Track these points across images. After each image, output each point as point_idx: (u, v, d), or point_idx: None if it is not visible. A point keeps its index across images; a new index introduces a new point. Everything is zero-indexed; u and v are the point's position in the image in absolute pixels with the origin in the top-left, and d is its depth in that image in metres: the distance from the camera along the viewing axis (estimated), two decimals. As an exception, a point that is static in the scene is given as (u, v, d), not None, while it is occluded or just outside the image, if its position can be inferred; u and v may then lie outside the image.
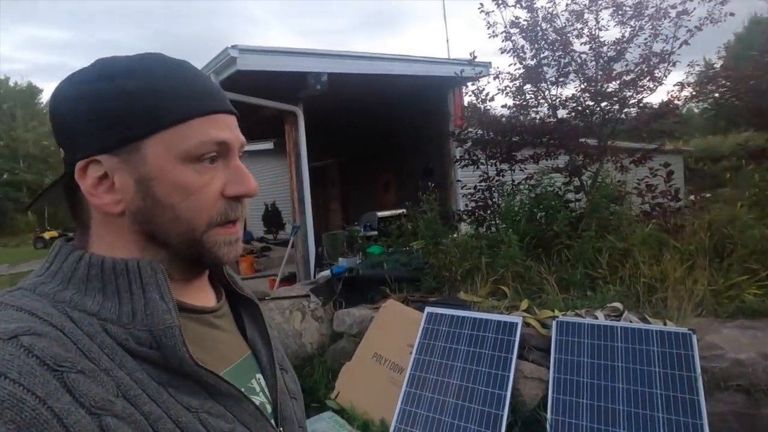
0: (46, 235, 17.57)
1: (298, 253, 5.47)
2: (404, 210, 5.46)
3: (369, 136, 8.57)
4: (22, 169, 27.77)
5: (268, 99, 5.04)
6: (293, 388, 0.61)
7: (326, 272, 4.82)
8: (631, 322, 2.42)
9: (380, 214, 6.46)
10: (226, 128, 0.48)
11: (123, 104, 0.43)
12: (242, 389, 0.49)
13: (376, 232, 6.06)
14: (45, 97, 32.22)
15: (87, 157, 0.44)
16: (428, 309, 2.87)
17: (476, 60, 4.86)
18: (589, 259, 3.25)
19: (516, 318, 2.60)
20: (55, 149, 30.45)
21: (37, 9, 62.43)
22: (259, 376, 0.55)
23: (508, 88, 4.75)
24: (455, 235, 4.25)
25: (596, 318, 2.51)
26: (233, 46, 4.19)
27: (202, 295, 0.54)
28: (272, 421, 0.52)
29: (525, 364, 2.47)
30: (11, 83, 30.65)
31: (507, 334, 2.55)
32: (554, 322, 2.47)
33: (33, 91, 31.67)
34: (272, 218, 11.85)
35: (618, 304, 2.62)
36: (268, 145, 11.31)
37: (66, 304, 0.41)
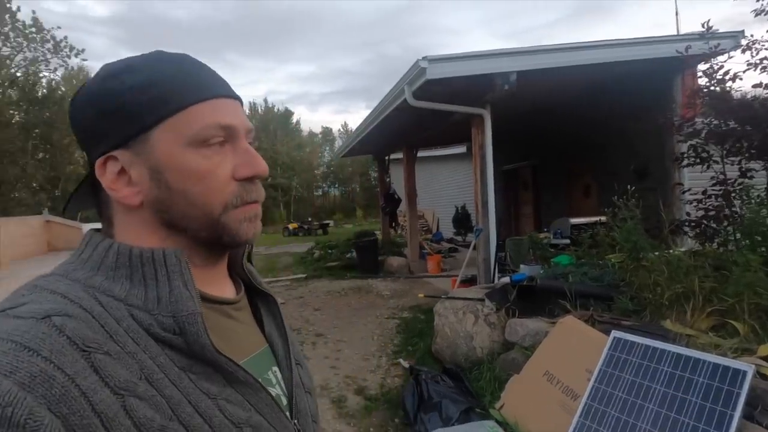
0: (290, 226, 22.32)
1: (480, 256, 5.43)
2: (602, 218, 4.77)
3: (566, 135, 7.80)
4: (277, 174, 36.23)
5: (457, 104, 5.18)
6: (308, 382, 0.61)
7: (506, 278, 4.65)
8: None
9: (573, 220, 5.81)
10: (230, 112, 0.49)
11: (127, 98, 0.45)
12: (259, 379, 0.49)
13: (567, 241, 5.48)
14: (296, 118, 41.30)
15: (103, 155, 0.46)
16: (615, 333, 2.45)
17: (714, 31, 3.84)
18: None
19: (746, 365, 1.96)
20: (299, 159, 38.59)
21: (294, 51, 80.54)
22: (275, 369, 0.56)
23: (766, 61, 3.58)
24: (669, 251, 3.46)
25: None
26: (423, 58, 4.47)
27: (222, 287, 0.55)
28: (287, 413, 0.53)
29: (754, 430, 1.84)
30: (275, 110, 40.39)
31: (729, 384, 1.95)
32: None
33: (288, 114, 40.96)
34: (461, 220, 12.09)
35: None
36: (460, 149, 11.58)
37: (96, 290, 0.43)
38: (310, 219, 25.05)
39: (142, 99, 0.45)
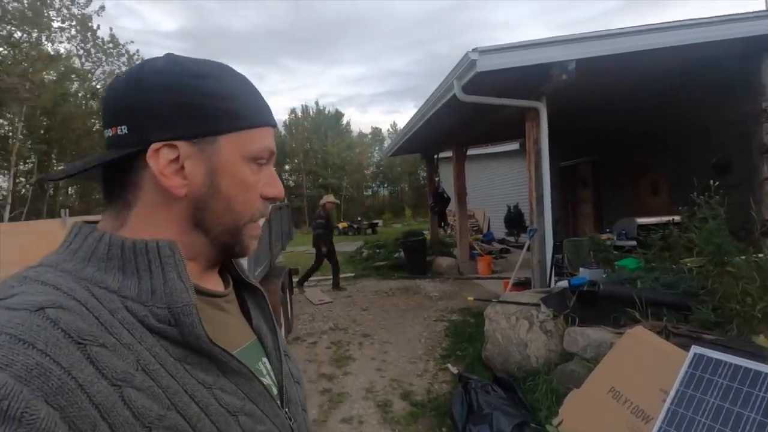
0: (340, 225, 22.71)
1: (534, 258, 5.12)
2: (676, 217, 4.30)
3: (631, 128, 7.19)
4: (328, 175, 36.97)
5: (509, 97, 4.92)
6: (296, 373, 0.63)
7: (564, 282, 4.34)
8: None
9: (640, 220, 5.32)
10: (272, 139, 0.55)
11: (210, 101, 0.48)
12: (252, 369, 0.50)
13: (633, 243, 5.02)
14: (346, 120, 41.97)
15: (166, 141, 0.47)
16: (696, 349, 2.15)
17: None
18: None
19: None
20: (349, 159, 39.25)
21: (342, 54, 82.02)
22: (264, 359, 0.58)
23: None
24: (758, 255, 3.02)
25: None
26: (473, 50, 4.26)
27: (213, 280, 0.56)
28: (278, 402, 0.54)
29: None
30: (326, 112, 41.25)
31: None
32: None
33: (338, 116, 41.61)
34: (514, 220, 11.60)
35: None
36: (512, 146, 11.12)
37: (88, 281, 0.43)
38: (359, 218, 25.35)
39: (223, 107, 0.49)
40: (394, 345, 4.63)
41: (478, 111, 5.85)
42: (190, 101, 0.47)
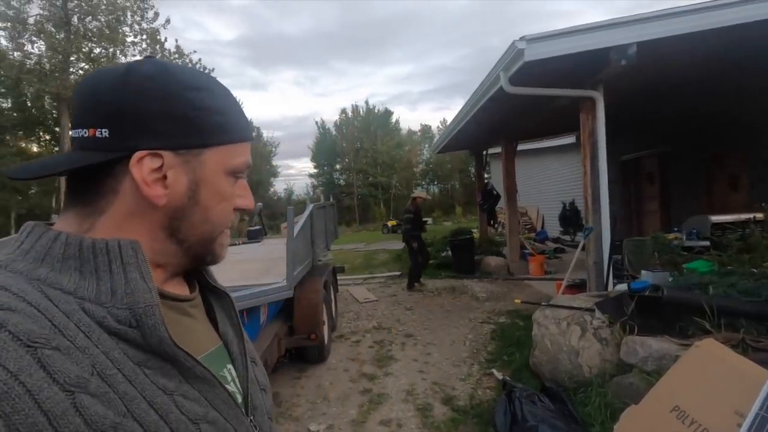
0: (389, 223, 22.78)
1: (590, 258, 4.76)
2: (758, 215, 3.81)
3: (705, 116, 6.51)
4: (378, 173, 37.21)
5: (560, 87, 4.61)
6: (262, 380, 0.61)
7: (622, 285, 4.00)
8: None
9: (715, 218, 4.79)
10: (250, 154, 0.55)
11: (202, 114, 0.49)
12: (216, 375, 0.49)
13: (706, 243, 4.53)
14: (395, 118, 42.02)
15: (151, 149, 0.46)
16: (781, 367, 1.86)
17: None
18: None
19: None
20: (398, 157, 39.34)
21: (391, 53, 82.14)
22: (230, 366, 0.56)
23: None
24: None
25: None
26: (521, 38, 4.02)
27: (178, 284, 0.55)
28: (243, 410, 0.52)
29: None
30: (376, 111, 41.53)
31: None
32: None
33: (387, 114, 41.73)
34: (570, 218, 10.94)
35: None
36: (568, 140, 10.50)
37: (41, 282, 0.41)
38: (408, 216, 25.22)
39: (213, 121, 0.49)
40: (438, 347, 4.51)
41: (527, 103, 5.55)
42: (182, 113, 0.47)
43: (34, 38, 15.96)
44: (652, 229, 7.21)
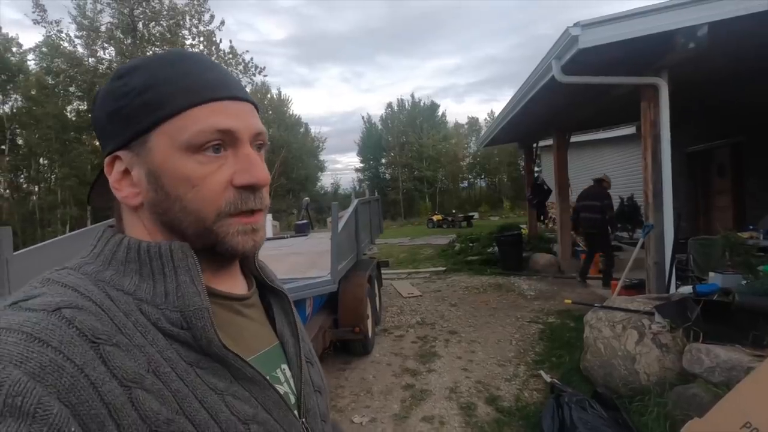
0: (434, 218, 22.51)
1: (650, 258, 4.45)
2: None
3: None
4: (423, 167, 36.95)
5: (617, 75, 4.32)
6: (318, 381, 0.60)
7: (687, 288, 3.72)
8: None
9: (798, 216, 4.30)
10: (232, 115, 0.47)
11: (128, 100, 0.46)
12: (267, 377, 0.49)
13: (787, 243, 4.09)
14: (441, 111, 41.46)
15: (110, 154, 0.48)
16: None
17: None
18: None
19: None
20: (445, 151, 38.73)
21: (437, 46, 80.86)
22: (284, 366, 0.55)
23: None
24: None
25: None
26: (575, 24, 3.79)
27: (233, 282, 0.54)
28: (295, 412, 0.52)
29: None
30: (422, 104, 41.18)
31: None
32: None
33: (433, 107, 41.22)
34: (628, 214, 10.27)
35: None
36: (627, 130, 9.85)
37: (106, 283, 0.44)
38: (454, 211, 24.89)
39: (140, 101, 0.46)
40: (482, 345, 4.42)
41: (581, 93, 5.25)
42: (113, 107, 0.47)
43: (105, 44, 17.34)
44: (722, 227, 6.61)
